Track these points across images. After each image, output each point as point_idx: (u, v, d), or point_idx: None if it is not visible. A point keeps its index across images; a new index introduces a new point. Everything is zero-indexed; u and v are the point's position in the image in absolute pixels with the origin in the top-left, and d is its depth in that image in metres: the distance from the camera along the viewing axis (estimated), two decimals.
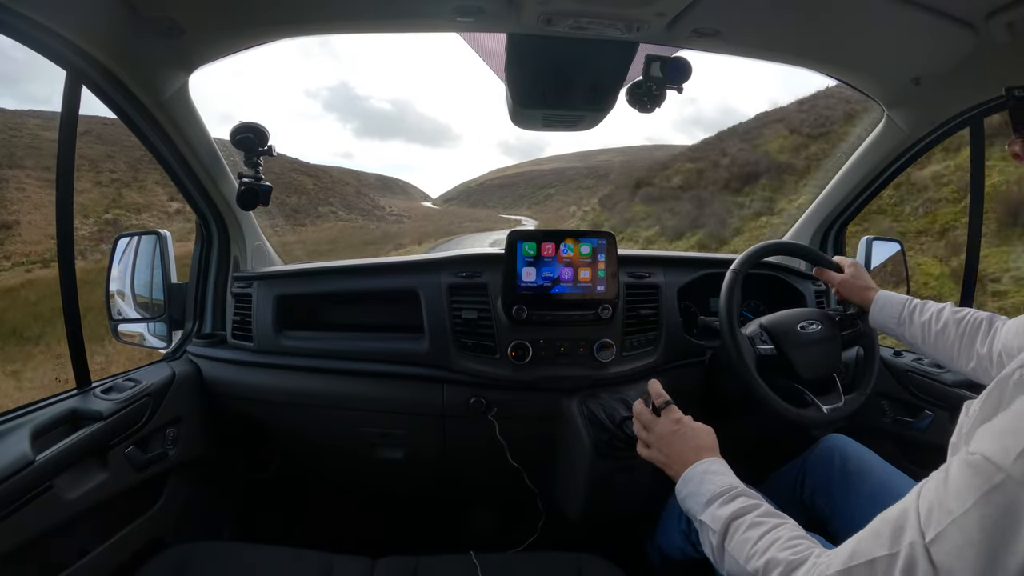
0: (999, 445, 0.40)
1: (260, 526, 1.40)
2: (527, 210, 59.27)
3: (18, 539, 0.73)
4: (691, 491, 0.67)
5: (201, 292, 1.30)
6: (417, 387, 1.18)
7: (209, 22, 0.90)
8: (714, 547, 0.61)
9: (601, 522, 1.24)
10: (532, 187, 72.02)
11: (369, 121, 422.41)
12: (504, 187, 79.01)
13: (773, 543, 0.55)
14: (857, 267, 1.08)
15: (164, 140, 1.07)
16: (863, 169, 1.34)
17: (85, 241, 18.46)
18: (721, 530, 0.60)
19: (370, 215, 40.73)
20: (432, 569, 0.91)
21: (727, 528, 0.60)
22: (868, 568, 0.45)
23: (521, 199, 69.85)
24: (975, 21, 0.83)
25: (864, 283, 1.05)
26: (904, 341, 0.98)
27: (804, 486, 1.08)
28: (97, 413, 0.90)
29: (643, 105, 1.02)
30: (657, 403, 0.81)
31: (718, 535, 0.60)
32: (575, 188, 60.49)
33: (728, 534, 0.59)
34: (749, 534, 0.57)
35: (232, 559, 0.91)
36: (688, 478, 0.69)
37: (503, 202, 72.19)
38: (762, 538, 0.56)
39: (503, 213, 58.62)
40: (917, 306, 0.95)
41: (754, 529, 0.57)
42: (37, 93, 60.35)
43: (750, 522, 0.58)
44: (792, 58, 1.04)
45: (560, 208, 50.26)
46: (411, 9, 0.88)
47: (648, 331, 1.23)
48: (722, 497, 0.63)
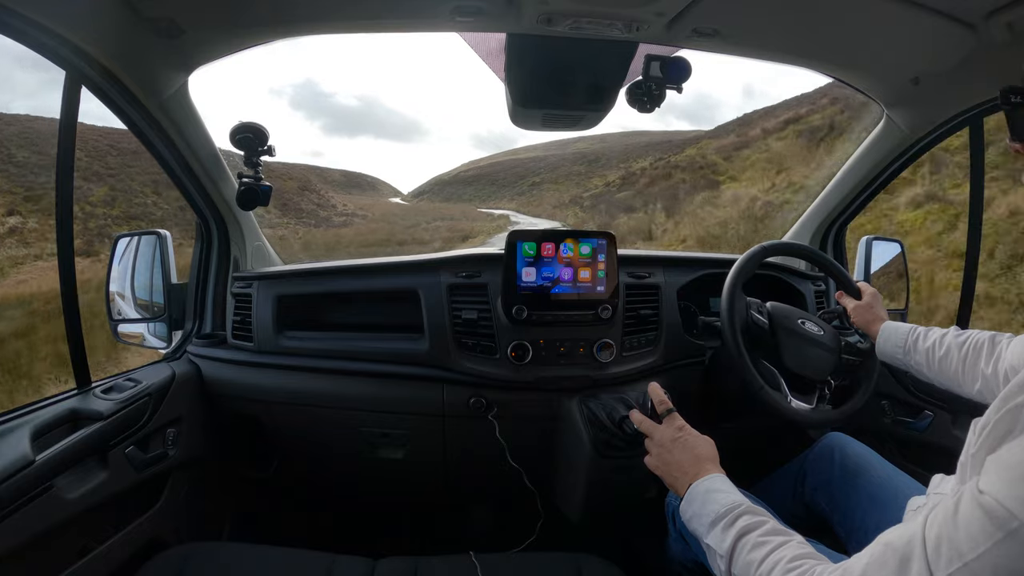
0: (1014, 493, 0.40)
1: (260, 526, 1.40)
2: (511, 202, 50.23)
3: (18, 539, 0.73)
4: (695, 512, 0.67)
5: (201, 292, 1.30)
6: (417, 387, 1.18)
7: (209, 22, 0.90)
8: (722, 571, 0.61)
9: (601, 522, 1.24)
10: (513, 176, 62.64)
11: (337, 118, 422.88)
12: (481, 178, 69.53)
13: (776, 565, 0.55)
14: (875, 297, 1.07)
15: (164, 140, 1.07)
16: (863, 169, 1.34)
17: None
18: (727, 554, 0.60)
19: (311, 216, 34.14)
20: (432, 569, 0.91)
21: (732, 550, 0.60)
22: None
23: (501, 190, 60.81)
24: (975, 21, 0.83)
25: (875, 314, 1.05)
26: (911, 370, 0.97)
27: (804, 485, 1.08)
28: (97, 413, 0.90)
29: (643, 105, 1.02)
30: (660, 410, 0.81)
31: (725, 559, 0.60)
32: (565, 175, 51.95)
33: (733, 557, 0.59)
34: (753, 555, 0.57)
35: (232, 559, 0.91)
36: (691, 499, 0.68)
37: (480, 195, 63.13)
38: (765, 560, 0.56)
39: (482, 207, 49.11)
40: (920, 333, 0.95)
41: (758, 550, 0.57)
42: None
43: (754, 542, 0.58)
44: (792, 58, 1.04)
45: (554, 196, 43.86)
46: (411, 9, 0.88)
47: (648, 331, 1.23)
48: (725, 518, 0.62)
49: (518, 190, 56.42)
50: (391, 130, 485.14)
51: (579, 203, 34.15)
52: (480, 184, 66.83)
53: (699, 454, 0.73)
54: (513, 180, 61.41)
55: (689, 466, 0.71)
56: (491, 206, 49.46)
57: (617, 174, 36.84)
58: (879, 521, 0.90)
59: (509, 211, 42.01)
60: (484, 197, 60.30)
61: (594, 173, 45.53)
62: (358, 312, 1.28)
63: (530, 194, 51.96)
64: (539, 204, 43.39)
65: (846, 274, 1.17)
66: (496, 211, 41.59)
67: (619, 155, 46.98)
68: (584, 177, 45.83)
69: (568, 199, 36.90)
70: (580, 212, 30.18)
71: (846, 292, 1.13)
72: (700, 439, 0.75)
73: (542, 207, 40.81)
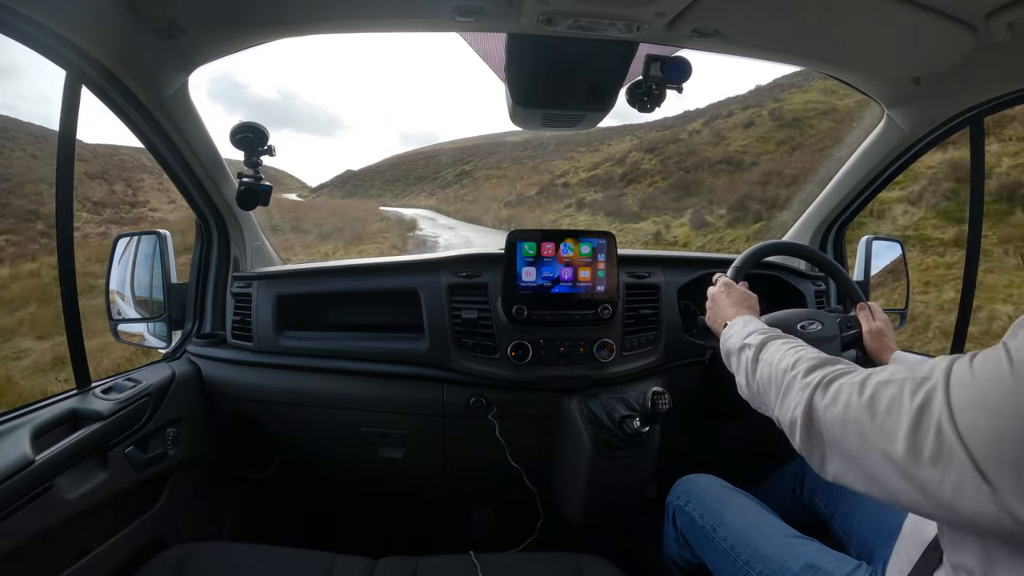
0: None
1: (260, 526, 1.40)
2: (430, 197, 38.05)
3: (18, 539, 0.73)
4: (733, 333, 0.78)
5: (201, 292, 1.30)
6: (417, 387, 1.18)
7: (209, 22, 0.90)
8: (749, 359, 0.69)
9: (601, 522, 1.24)
10: (435, 167, 48.67)
11: (257, 112, 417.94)
12: (396, 169, 56.31)
13: (803, 349, 0.64)
14: (887, 324, 1.03)
15: (164, 140, 1.07)
16: (863, 169, 1.34)
17: None
18: (758, 344, 0.70)
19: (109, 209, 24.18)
20: (432, 569, 0.91)
21: (763, 344, 0.69)
22: (897, 384, 0.48)
23: (419, 182, 47.78)
24: (975, 21, 0.83)
25: (886, 344, 1.02)
26: None
27: (804, 487, 1.08)
28: (97, 413, 0.90)
29: (643, 104, 1.02)
30: (714, 280, 0.99)
31: (754, 348, 0.69)
32: (509, 161, 38.40)
33: (764, 347, 0.69)
34: (782, 347, 0.66)
35: (232, 559, 0.91)
36: (730, 326, 0.81)
37: (392, 189, 49.99)
38: (792, 348, 0.65)
39: (391, 204, 36.44)
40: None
41: (787, 344, 0.67)
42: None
43: (785, 342, 0.68)
44: (792, 58, 1.04)
45: (493, 188, 31.67)
46: (410, 9, 0.88)
47: (648, 331, 1.23)
48: (761, 330, 0.74)
49: (441, 182, 43.19)
50: (312, 125, 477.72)
51: (551, 194, 23.81)
52: (394, 176, 54.21)
53: (738, 303, 0.88)
54: (435, 170, 48.35)
55: (729, 311, 0.87)
56: (404, 203, 37.72)
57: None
58: (878, 522, 0.90)
59: (425, 209, 30.77)
60: (397, 192, 48.22)
61: (536, 159, 35.04)
62: (358, 312, 1.28)
63: (459, 186, 38.49)
64: (474, 200, 30.27)
65: (845, 274, 1.16)
66: (407, 210, 28.98)
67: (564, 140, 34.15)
68: (528, 167, 34.15)
69: (535, 191, 25.74)
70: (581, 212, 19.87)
71: (845, 293, 1.13)
72: (744, 294, 0.92)
73: (478, 204, 28.31)
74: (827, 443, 0.53)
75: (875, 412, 0.48)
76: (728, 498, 0.97)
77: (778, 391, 0.61)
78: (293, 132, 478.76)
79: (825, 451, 0.53)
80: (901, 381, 0.47)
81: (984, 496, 0.40)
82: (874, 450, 0.47)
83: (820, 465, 0.54)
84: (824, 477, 0.54)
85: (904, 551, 0.65)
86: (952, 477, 0.41)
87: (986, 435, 0.40)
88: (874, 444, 0.47)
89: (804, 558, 0.81)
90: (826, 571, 0.78)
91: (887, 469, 0.46)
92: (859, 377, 0.52)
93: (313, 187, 69.33)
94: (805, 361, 0.60)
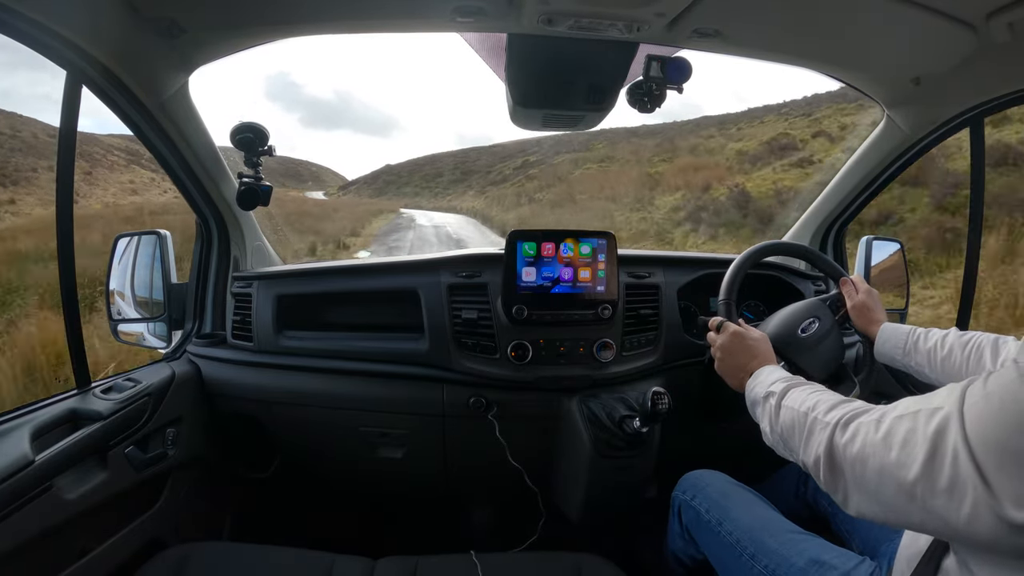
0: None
1: (260, 526, 1.40)
2: (477, 197, 30.42)
3: (18, 539, 0.73)
4: (757, 383, 0.79)
5: (201, 292, 1.30)
6: (417, 387, 1.18)
7: (209, 22, 0.90)
8: (772, 406, 0.71)
9: (601, 522, 1.24)
10: (489, 158, 42.48)
11: (313, 111, 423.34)
12: (435, 164, 51.42)
13: (823, 393, 0.67)
14: (873, 297, 1.04)
15: (164, 140, 1.07)
16: (863, 169, 1.34)
17: None
18: (781, 391, 0.71)
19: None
20: (432, 569, 0.91)
21: (787, 389, 0.71)
22: (911, 417, 0.49)
23: (465, 177, 41.27)
24: (975, 21, 0.83)
25: (873, 316, 1.03)
26: (911, 371, 0.96)
27: (807, 485, 1.08)
28: (97, 413, 0.90)
29: (643, 105, 1.02)
30: (711, 325, 0.94)
31: (778, 395, 0.71)
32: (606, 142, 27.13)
33: (787, 392, 0.71)
34: (805, 391, 0.69)
35: (232, 559, 0.91)
36: (756, 376, 0.81)
37: (432, 187, 44.47)
38: (813, 392, 0.68)
39: (422, 206, 33.11)
40: (921, 334, 0.94)
41: (807, 388, 0.70)
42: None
43: (805, 387, 0.71)
44: (792, 58, 1.04)
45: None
46: (411, 9, 0.88)
47: (648, 331, 1.23)
48: (784, 378, 0.75)
49: (496, 176, 35.82)
50: (369, 125, 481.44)
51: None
52: (434, 172, 47.01)
53: (755, 352, 0.86)
54: (487, 164, 41.00)
55: (755, 363, 0.84)
56: (440, 204, 31.80)
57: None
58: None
59: (464, 216, 23.23)
60: (437, 191, 41.86)
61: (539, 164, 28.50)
62: (358, 312, 1.28)
63: (524, 178, 28.81)
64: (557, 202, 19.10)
65: (817, 252, 1.16)
66: (437, 215, 22.46)
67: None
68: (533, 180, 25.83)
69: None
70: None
71: (824, 272, 1.15)
72: (757, 339, 0.88)
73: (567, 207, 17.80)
74: (848, 480, 0.55)
75: (891, 446, 0.49)
76: (734, 493, 0.98)
77: (801, 433, 0.63)
78: (350, 132, 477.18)
79: (848, 488, 0.55)
80: (915, 414, 0.49)
81: (997, 521, 0.41)
82: (891, 482, 0.49)
83: (844, 501, 0.56)
84: (848, 512, 0.56)
85: (910, 544, 0.65)
86: (967, 504, 0.43)
87: (997, 449, 0.41)
88: (891, 477, 0.49)
89: (809, 553, 0.82)
90: (831, 566, 0.79)
91: (905, 502, 0.48)
92: (875, 415, 0.54)
93: (341, 184, 64.23)
94: (824, 403, 0.62)
